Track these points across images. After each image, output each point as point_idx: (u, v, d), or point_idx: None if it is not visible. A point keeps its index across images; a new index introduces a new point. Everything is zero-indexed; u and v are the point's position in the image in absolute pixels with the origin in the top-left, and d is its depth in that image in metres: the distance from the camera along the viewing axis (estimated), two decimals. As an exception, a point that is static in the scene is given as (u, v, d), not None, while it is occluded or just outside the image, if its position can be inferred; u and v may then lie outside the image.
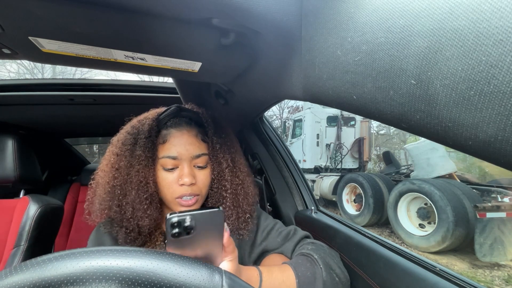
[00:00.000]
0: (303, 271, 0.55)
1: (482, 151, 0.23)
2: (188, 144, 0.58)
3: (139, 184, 0.56)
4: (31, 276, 0.24)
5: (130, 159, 0.57)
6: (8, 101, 1.05)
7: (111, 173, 0.58)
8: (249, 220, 0.64)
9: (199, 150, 0.59)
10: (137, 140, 0.58)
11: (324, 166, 6.95)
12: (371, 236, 0.69)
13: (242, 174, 0.65)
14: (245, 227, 0.64)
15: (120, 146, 0.60)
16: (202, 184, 0.60)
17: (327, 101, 0.44)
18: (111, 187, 0.57)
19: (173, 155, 0.57)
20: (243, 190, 0.65)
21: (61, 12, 0.39)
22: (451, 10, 0.22)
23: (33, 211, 0.97)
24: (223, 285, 0.27)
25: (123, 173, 0.57)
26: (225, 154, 0.62)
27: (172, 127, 0.60)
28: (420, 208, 3.95)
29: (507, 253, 3.06)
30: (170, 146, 0.58)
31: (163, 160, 0.57)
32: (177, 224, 0.37)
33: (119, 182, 0.57)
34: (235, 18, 0.41)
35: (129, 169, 0.57)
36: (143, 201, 0.56)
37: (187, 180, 0.56)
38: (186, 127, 0.60)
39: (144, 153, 0.57)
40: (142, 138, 0.58)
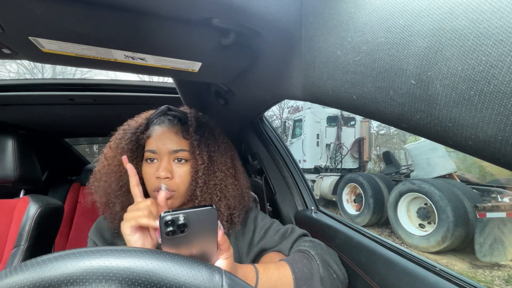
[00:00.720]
0: (300, 267, 0.55)
1: (482, 151, 0.23)
2: (167, 139, 0.62)
3: (119, 173, 0.62)
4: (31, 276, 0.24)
5: (116, 151, 0.64)
6: (8, 101, 1.05)
7: (101, 163, 0.65)
8: (226, 224, 0.63)
9: (178, 146, 0.61)
10: (125, 135, 0.65)
11: (324, 166, 6.95)
12: (371, 236, 0.69)
13: (221, 174, 0.65)
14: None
15: (113, 139, 0.67)
16: (180, 179, 0.60)
17: (327, 101, 0.44)
18: (100, 174, 0.65)
19: (152, 149, 0.61)
20: (221, 191, 0.63)
21: (61, 12, 0.39)
22: (451, 10, 0.22)
23: (33, 211, 0.97)
24: (223, 285, 0.27)
25: (109, 163, 0.64)
26: (202, 151, 0.62)
27: (156, 124, 0.65)
28: (420, 208, 3.95)
29: (507, 253, 3.06)
30: (151, 141, 0.62)
31: (146, 153, 0.62)
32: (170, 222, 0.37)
33: (105, 170, 0.64)
34: (235, 18, 0.41)
35: (113, 159, 0.63)
36: (119, 188, 0.61)
37: (162, 174, 0.58)
38: (168, 124, 0.64)
39: (127, 145, 0.62)
40: (128, 133, 0.64)
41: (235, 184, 0.67)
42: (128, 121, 0.70)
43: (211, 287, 0.27)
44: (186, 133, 0.63)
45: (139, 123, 0.66)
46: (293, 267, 0.55)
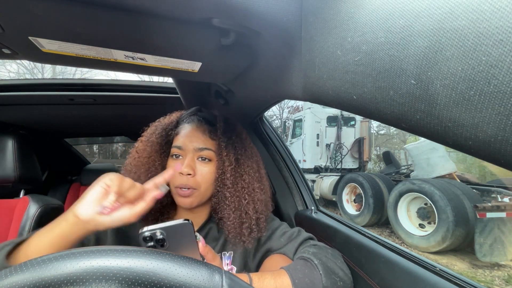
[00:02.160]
0: (301, 278, 0.53)
1: (482, 151, 0.23)
2: (194, 137, 0.63)
3: (147, 165, 0.64)
4: (31, 276, 0.24)
5: (146, 144, 0.67)
6: (8, 101, 1.05)
7: (132, 155, 0.68)
8: (254, 228, 0.64)
9: (204, 144, 0.63)
10: (156, 130, 0.68)
11: (324, 166, 6.94)
12: (371, 236, 0.69)
13: (248, 178, 0.66)
14: (249, 234, 0.63)
15: (145, 134, 0.70)
16: (202, 178, 0.62)
17: (327, 101, 0.44)
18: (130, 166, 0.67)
19: (178, 145, 0.63)
20: (249, 195, 0.64)
21: (61, 12, 0.39)
22: (451, 10, 0.22)
23: (33, 211, 0.97)
24: (223, 285, 0.27)
25: (140, 155, 0.66)
26: (229, 153, 0.64)
27: (186, 122, 0.67)
28: (420, 208, 3.95)
29: (507, 253, 3.06)
30: (179, 137, 0.65)
31: (172, 149, 0.64)
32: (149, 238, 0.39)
33: (135, 162, 0.66)
34: (235, 18, 0.41)
35: (143, 152, 0.66)
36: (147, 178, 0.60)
37: (184, 170, 0.60)
38: (197, 123, 0.66)
39: (157, 140, 0.66)
40: (159, 128, 0.68)
41: (261, 189, 0.68)
42: (160, 118, 0.73)
43: (211, 287, 0.27)
44: (213, 133, 0.65)
45: (170, 120, 0.69)
46: (293, 277, 0.53)
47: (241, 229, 0.63)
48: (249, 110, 0.92)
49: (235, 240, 0.64)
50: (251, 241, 0.64)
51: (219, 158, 0.63)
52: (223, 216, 0.64)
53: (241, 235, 0.63)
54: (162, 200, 0.64)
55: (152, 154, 0.65)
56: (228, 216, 0.63)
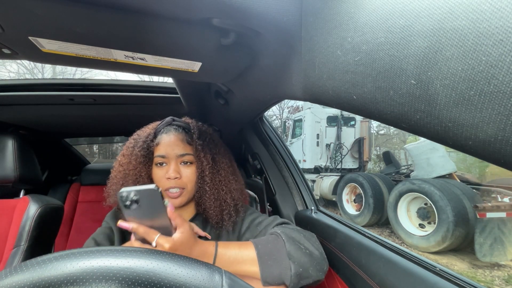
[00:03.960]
0: (264, 244, 0.60)
1: (482, 151, 0.23)
2: (175, 145, 0.71)
3: (134, 176, 0.70)
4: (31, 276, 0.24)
5: (130, 158, 0.72)
6: (8, 101, 1.05)
7: (117, 169, 0.74)
8: (233, 213, 0.73)
9: (184, 150, 0.71)
10: (136, 143, 0.73)
11: (324, 166, 6.94)
12: (371, 236, 0.69)
13: (224, 172, 0.75)
14: (229, 219, 0.73)
15: (125, 148, 0.76)
16: (187, 179, 0.71)
17: (327, 101, 0.44)
18: (116, 178, 0.72)
19: (162, 154, 0.70)
20: (225, 186, 0.74)
21: (61, 12, 0.39)
22: (451, 10, 0.22)
23: (33, 211, 0.97)
24: (223, 285, 0.27)
25: (125, 168, 0.72)
26: (206, 154, 0.73)
27: (164, 133, 0.74)
28: (420, 208, 3.95)
29: (507, 253, 3.06)
30: (160, 147, 0.71)
31: (156, 158, 0.71)
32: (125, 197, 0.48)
33: (121, 175, 0.72)
34: (235, 18, 0.41)
35: (128, 165, 0.72)
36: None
37: (172, 175, 0.68)
38: (174, 132, 0.74)
39: (140, 152, 0.71)
40: (140, 142, 0.73)
41: (236, 180, 0.78)
42: (137, 131, 0.79)
43: (211, 287, 0.27)
44: (190, 139, 0.74)
45: (147, 132, 0.75)
46: (256, 244, 0.60)
47: (222, 215, 0.72)
48: (249, 110, 0.92)
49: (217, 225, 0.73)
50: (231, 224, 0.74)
51: (198, 159, 0.72)
52: (206, 207, 0.72)
53: (223, 221, 0.73)
54: None
55: (137, 166, 0.71)
56: (210, 206, 0.72)
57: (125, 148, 0.76)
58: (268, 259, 0.57)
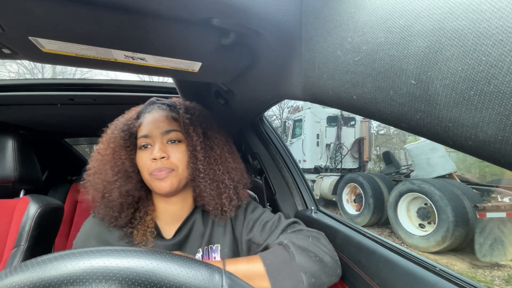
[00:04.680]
0: (272, 258, 0.55)
1: (482, 151, 0.23)
2: (158, 122, 0.63)
3: (113, 160, 0.62)
4: (31, 276, 0.24)
5: (109, 142, 0.65)
6: (8, 101, 1.05)
7: (95, 157, 0.66)
8: (234, 196, 0.65)
9: (169, 126, 0.63)
10: (116, 126, 0.66)
11: (324, 166, 6.94)
12: (371, 236, 0.69)
13: (219, 149, 0.67)
14: (229, 203, 0.64)
15: (104, 135, 0.68)
16: (176, 159, 0.62)
17: (327, 101, 0.44)
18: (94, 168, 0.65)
19: (144, 133, 0.63)
20: (222, 165, 0.66)
21: (61, 12, 0.39)
22: (451, 10, 0.22)
23: (33, 211, 0.97)
24: (223, 285, 0.27)
25: (102, 154, 0.64)
26: (196, 127, 0.64)
27: (146, 112, 0.67)
28: (420, 208, 3.95)
29: (507, 253, 3.06)
30: (143, 127, 0.64)
31: (139, 140, 0.63)
32: None
33: (99, 162, 0.64)
34: (235, 18, 0.41)
35: (106, 150, 0.64)
36: (115, 174, 0.61)
37: (157, 154, 0.59)
38: (156, 109, 0.66)
39: (120, 134, 0.64)
40: (120, 124, 0.66)
41: (233, 159, 0.70)
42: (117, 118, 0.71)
43: (211, 287, 0.27)
44: (176, 115, 0.65)
45: (129, 115, 0.69)
46: (264, 258, 0.55)
47: (221, 199, 0.64)
48: (249, 110, 0.92)
49: (216, 212, 0.64)
50: (233, 209, 0.65)
51: (187, 135, 0.63)
52: (200, 190, 0.64)
53: (222, 206, 0.64)
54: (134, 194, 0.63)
55: (116, 149, 0.63)
56: (204, 189, 0.63)
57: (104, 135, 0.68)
58: (278, 274, 0.53)
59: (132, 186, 0.63)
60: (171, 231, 0.66)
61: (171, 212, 0.67)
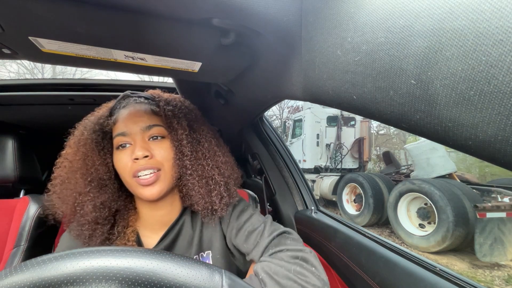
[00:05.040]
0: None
1: (482, 151, 0.23)
2: (137, 117, 0.56)
3: (85, 167, 0.55)
4: (31, 276, 0.24)
5: (77, 145, 0.57)
6: (8, 101, 1.05)
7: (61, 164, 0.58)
8: (225, 193, 0.59)
9: (150, 121, 0.56)
10: (86, 127, 0.58)
11: (324, 166, 6.94)
12: (371, 236, 0.69)
13: (207, 142, 0.60)
14: (220, 201, 0.58)
15: (71, 137, 0.60)
16: (161, 157, 0.54)
17: (327, 101, 0.44)
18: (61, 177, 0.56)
19: (122, 131, 0.54)
20: (211, 159, 0.59)
21: (61, 12, 0.39)
22: (451, 10, 0.22)
23: (33, 211, 0.97)
24: (223, 285, 0.27)
25: (71, 160, 0.56)
26: (180, 120, 0.57)
27: (121, 108, 0.59)
28: (420, 208, 3.95)
29: (507, 253, 3.06)
30: (119, 124, 0.56)
31: (116, 139, 0.55)
32: None
33: (67, 169, 0.56)
34: (235, 18, 0.41)
35: (75, 155, 0.56)
36: (87, 184, 0.54)
37: (139, 153, 0.51)
38: (133, 104, 0.59)
39: (91, 136, 0.56)
40: (90, 124, 0.58)
41: (222, 152, 0.63)
42: (86, 116, 0.62)
43: (211, 287, 0.27)
44: (156, 108, 0.58)
45: (100, 113, 0.60)
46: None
47: (211, 198, 0.57)
48: (249, 110, 0.92)
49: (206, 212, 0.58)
50: (224, 208, 0.58)
51: (171, 130, 0.56)
52: (188, 189, 0.57)
53: (212, 204, 0.57)
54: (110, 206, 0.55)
55: (87, 154, 0.55)
56: (192, 187, 0.56)
57: (71, 137, 0.59)
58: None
59: (108, 196, 0.55)
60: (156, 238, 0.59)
61: (158, 218, 0.60)
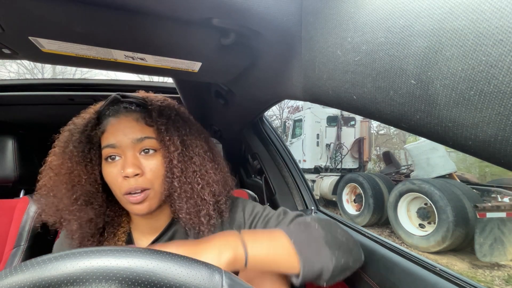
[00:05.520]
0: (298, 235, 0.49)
1: (482, 151, 0.23)
2: (128, 128, 0.52)
3: (70, 183, 0.52)
4: (31, 276, 0.24)
5: (63, 157, 0.53)
6: (8, 101, 1.05)
7: (46, 174, 0.55)
8: (213, 214, 0.56)
9: (142, 133, 0.52)
10: (72, 136, 0.54)
11: (324, 166, 6.95)
12: (371, 236, 0.69)
13: (199, 159, 0.57)
14: (207, 222, 0.55)
15: (57, 144, 0.56)
16: (152, 174, 0.52)
17: (327, 101, 0.44)
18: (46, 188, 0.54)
19: (111, 143, 0.51)
20: (202, 178, 0.56)
21: (61, 12, 0.39)
22: (451, 10, 0.22)
23: (33, 211, 0.97)
24: (223, 285, 0.27)
25: (56, 172, 0.53)
26: (172, 136, 0.54)
27: (110, 116, 0.54)
28: (420, 208, 3.95)
29: (507, 253, 3.06)
30: (108, 134, 0.52)
31: (104, 150, 0.52)
32: None
33: (52, 182, 0.53)
34: (235, 18, 0.41)
35: (60, 167, 0.53)
36: (73, 202, 0.52)
37: (129, 171, 0.49)
38: (124, 112, 0.54)
39: (76, 148, 0.52)
40: (76, 133, 0.54)
41: (216, 168, 0.59)
42: (73, 119, 0.59)
43: (211, 287, 0.27)
44: (149, 118, 0.54)
45: (87, 119, 0.56)
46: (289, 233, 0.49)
47: (199, 218, 0.55)
48: (249, 110, 0.92)
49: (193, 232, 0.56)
50: (211, 229, 0.56)
51: (163, 144, 0.53)
52: (175, 209, 0.55)
53: (200, 225, 0.55)
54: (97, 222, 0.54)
55: (73, 168, 0.52)
56: (180, 208, 0.54)
57: (57, 144, 0.56)
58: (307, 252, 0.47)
59: (95, 212, 0.54)
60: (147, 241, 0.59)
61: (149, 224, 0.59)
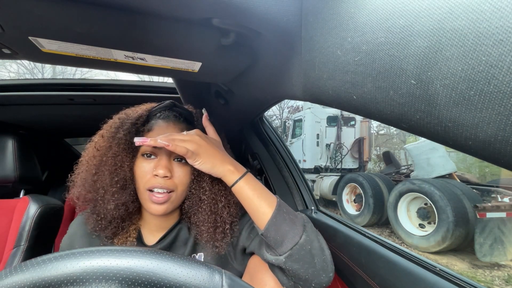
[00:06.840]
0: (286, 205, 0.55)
1: (482, 151, 0.23)
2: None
3: (114, 166, 0.56)
4: (31, 276, 0.24)
5: (111, 141, 0.58)
6: (8, 101, 1.05)
7: (91, 153, 0.60)
8: (228, 232, 0.60)
9: None
10: (123, 124, 0.59)
11: (324, 166, 6.95)
12: (371, 236, 0.69)
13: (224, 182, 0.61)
14: (222, 239, 0.60)
15: (107, 128, 0.61)
16: (179, 180, 0.57)
17: (327, 101, 0.44)
18: (88, 165, 0.58)
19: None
20: (225, 197, 0.61)
21: (61, 12, 0.39)
22: (451, 10, 0.22)
23: (33, 211, 0.97)
24: (223, 285, 0.27)
25: (102, 153, 0.58)
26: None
27: (160, 118, 0.61)
28: (420, 208, 3.95)
29: (507, 253, 3.06)
30: (153, 134, 0.58)
31: (144, 147, 0.57)
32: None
33: (96, 161, 0.58)
34: (235, 18, 0.41)
35: (107, 150, 0.58)
36: (114, 184, 0.56)
37: (161, 172, 0.54)
38: (173, 120, 0.61)
39: (125, 136, 0.57)
40: (127, 123, 0.59)
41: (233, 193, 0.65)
42: (125, 110, 0.65)
43: (211, 287, 0.27)
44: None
45: (139, 113, 0.61)
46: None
47: (215, 234, 0.59)
48: (249, 110, 0.92)
49: (207, 245, 0.60)
50: (224, 247, 0.60)
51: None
52: (196, 220, 0.60)
53: (214, 240, 0.59)
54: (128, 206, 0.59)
55: (119, 153, 0.57)
56: (203, 221, 0.59)
57: (107, 128, 0.61)
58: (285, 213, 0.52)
59: (129, 197, 0.58)
60: (154, 239, 0.63)
61: (158, 223, 0.64)
